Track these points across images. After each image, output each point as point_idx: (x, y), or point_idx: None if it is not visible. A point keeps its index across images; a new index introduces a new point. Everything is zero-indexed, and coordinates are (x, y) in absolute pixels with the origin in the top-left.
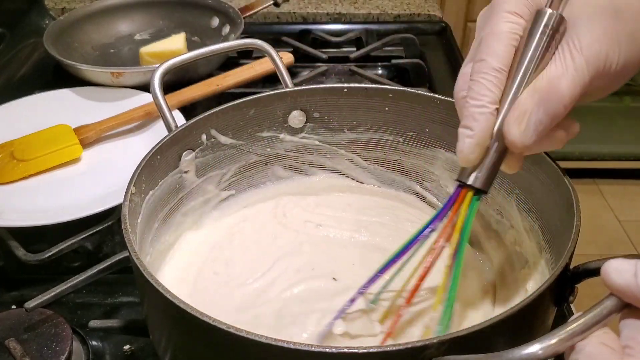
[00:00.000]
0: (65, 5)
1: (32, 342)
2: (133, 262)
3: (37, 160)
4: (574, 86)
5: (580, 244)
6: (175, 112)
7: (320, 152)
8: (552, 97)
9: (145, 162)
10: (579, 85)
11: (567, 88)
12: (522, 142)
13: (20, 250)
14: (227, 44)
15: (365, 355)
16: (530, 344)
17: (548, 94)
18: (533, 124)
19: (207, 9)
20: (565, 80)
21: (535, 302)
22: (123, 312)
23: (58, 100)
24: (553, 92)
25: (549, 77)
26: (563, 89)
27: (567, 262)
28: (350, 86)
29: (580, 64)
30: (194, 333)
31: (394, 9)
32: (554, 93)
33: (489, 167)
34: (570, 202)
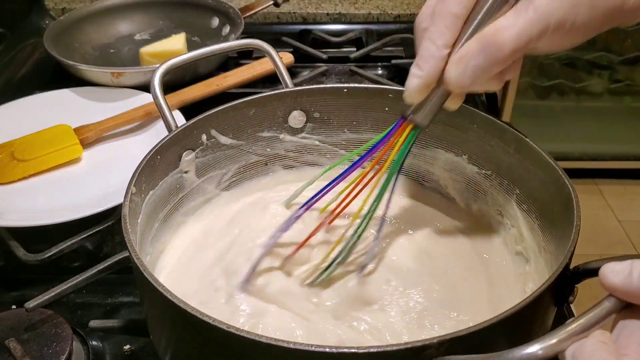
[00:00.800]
0: (66, 5)
1: (33, 342)
2: (133, 262)
3: (37, 160)
4: (518, 37)
5: (580, 244)
6: (175, 112)
7: (320, 152)
8: (494, 45)
9: (145, 162)
10: (524, 38)
11: (510, 38)
12: (457, 83)
13: (20, 250)
14: (227, 44)
15: (365, 355)
16: (530, 344)
17: (491, 41)
18: (471, 68)
19: (207, 9)
20: (510, 31)
21: (535, 302)
22: (123, 312)
23: (58, 100)
24: (496, 40)
25: (496, 26)
26: (506, 38)
27: (567, 262)
28: (350, 86)
29: (529, 18)
30: (194, 333)
31: (394, 9)
32: (496, 41)
33: (432, 105)
34: (570, 202)
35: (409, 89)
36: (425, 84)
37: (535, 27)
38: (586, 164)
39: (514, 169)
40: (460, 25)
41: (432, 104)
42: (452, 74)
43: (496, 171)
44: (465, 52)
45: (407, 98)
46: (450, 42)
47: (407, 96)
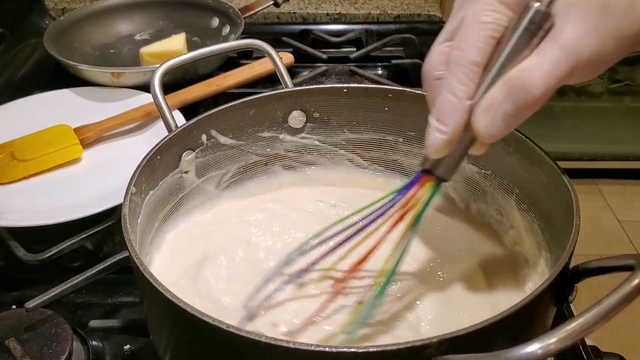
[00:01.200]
0: (66, 5)
1: (33, 342)
2: (133, 262)
3: (37, 160)
4: (547, 78)
5: (580, 244)
6: (175, 112)
7: (320, 152)
8: (521, 89)
9: (145, 162)
10: (554, 78)
11: (539, 80)
12: (488, 133)
13: (20, 250)
14: (227, 44)
15: (365, 355)
16: (530, 344)
17: (518, 85)
18: (500, 116)
19: (207, 9)
20: (538, 72)
21: (535, 302)
22: (123, 312)
23: (58, 100)
24: (523, 84)
25: (521, 68)
26: (535, 80)
27: (566, 261)
28: (350, 86)
29: (557, 57)
30: (194, 333)
31: (394, 9)
32: (524, 84)
33: (456, 158)
34: (570, 202)
35: (434, 146)
36: (450, 140)
37: (564, 66)
38: (586, 164)
39: (513, 168)
40: (480, 73)
41: (455, 156)
42: (480, 124)
43: (496, 171)
44: (491, 100)
45: (432, 155)
46: (473, 93)
47: (432, 153)
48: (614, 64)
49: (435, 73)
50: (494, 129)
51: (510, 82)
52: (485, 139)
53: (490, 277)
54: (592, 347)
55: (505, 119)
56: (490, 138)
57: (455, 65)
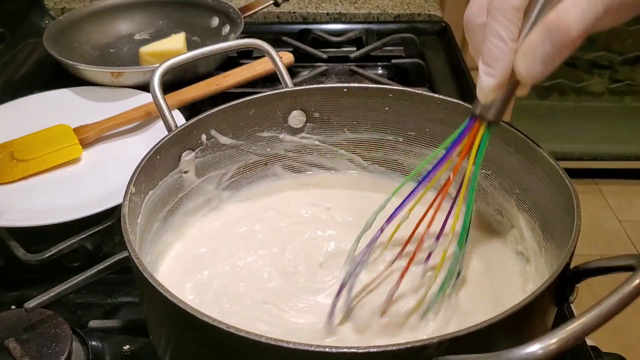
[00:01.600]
0: (65, 5)
1: (32, 342)
2: (133, 262)
3: (37, 160)
4: (583, 18)
5: (580, 244)
6: (175, 112)
7: (320, 152)
8: (559, 29)
9: (145, 162)
10: (589, 18)
11: (574, 20)
12: (529, 75)
13: (20, 250)
14: (227, 44)
15: (365, 355)
16: (530, 344)
17: (555, 26)
18: (540, 57)
19: (207, 9)
20: (572, 13)
21: (535, 302)
22: (123, 312)
23: (58, 100)
24: (561, 25)
25: (558, 10)
26: (570, 21)
27: (567, 262)
28: (350, 86)
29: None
30: (193, 333)
31: (394, 9)
32: (561, 25)
33: (504, 100)
34: (570, 202)
35: (486, 89)
36: (500, 82)
37: (599, 5)
38: (586, 164)
39: (514, 168)
40: (522, 17)
41: (504, 99)
42: (521, 67)
43: (496, 171)
44: (531, 43)
45: (484, 99)
46: (517, 34)
47: (484, 97)
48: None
49: (478, 21)
50: (535, 70)
51: (547, 24)
52: (527, 80)
53: (491, 277)
54: (592, 347)
55: (544, 60)
56: (532, 80)
57: (497, 10)
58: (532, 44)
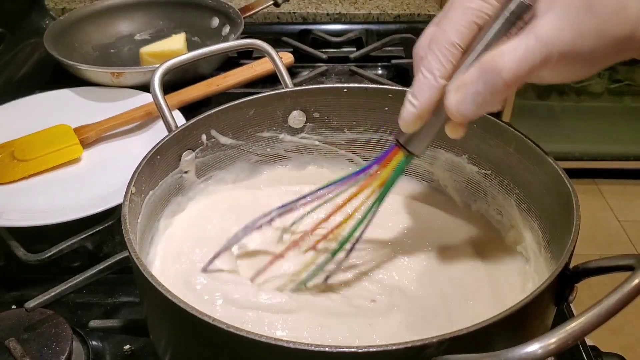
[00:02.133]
0: (66, 5)
1: (32, 342)
2: (133, 262)
3: (37, 160)
4: (517, 64)
5: (580, 244)
6: (175, 112)
7: (320, 152)
8: (492, 70)
9: (145, 162)
10: (525, 65)
11: (508, 64)
12: (458, 111)
13: (20, 250)
14: (227, 44)
15: (365, 355)
16: (530, 343)
17: (490, 66)
18: (471, 95)
19: (207, 9)
20: (508, 57)
21: (535, 302)
22: (123, 312)
23: (58, 100)
24: (495, 66)
25: (495, 52)
26: (506, 64)
27: (566, 261)
28: (350, 86)
29: (530, 45)
30: (193, 333)
31: (394, 9)
32: (496, 67)
33: (427, 134)
34: (570, 202)
35: (404, 118)
36: (419, 114)
37: (537, 55)
38: (586, 164)
39: (513, 168)
40: (458, 55)
41: (427, 133)
42: (451, 101)
43: (496, 171)
44: (464, 79)
45: (403, 128)
46: (448, 72)
47: (403, 126)
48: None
49: (420, 53)
50: (464, 107)
51: (482, 63)
52: (456, 117)
53: (490, 277)
54: (592, 347)
55: (475, 98)
56: (460, 116)
57: (434, 44)
58: (464, 81)
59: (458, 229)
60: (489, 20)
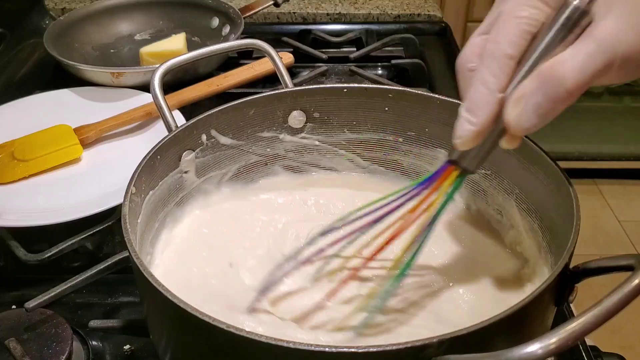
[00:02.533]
0: (66, 5)
1: (32, 342)
2: (133, 262)
3: (37, 160)
4: (580, 71)
5: (580, 244)
6: (175, 112)
7: (320, 152)
8: (553, 80)
9: (145, 162)
10: (587, 71)
11: (570, 72)
12: (519, 125)
13: (20, 250)
14: (227, 44)
15: (365, 355)
16: (530, 343)
17: (550, 76)
18: (532, 107)
19: (207, 9)
20: (569, 64)
21: (535, 302)
22: (123, 312)
23: (58, 100)
24: (554, 75)
25: (554, 60)
26: (566, 72)
27: (566, 261)
28: (350, 86)
29: (591, 50)
30: (194, 333)
31: (394, 9)
32: (556, 75)
33: (484, 150)
34: (570, 202)
35: (463, 137)
36: (479, 131)
37: (599, 60)
38: (586, 164)
39: (513, 168)
40: (514, 67)
41: (483, 148)
42: (511, 116)
43: (496, 171)
44: (523, 91)
45: (460, 146)
46: (505, 85)
47: (460, 144)
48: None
49: (469, 65)
50: (525, 120)
51: (541, 73)
52: (517, 130)
53: (491, 277)
54: (592, 347)
55: (536, 110)
56: (521, 129)
57: (488, 57)
58: (524, 92)
59: (457, 229)
60: (542, 28)
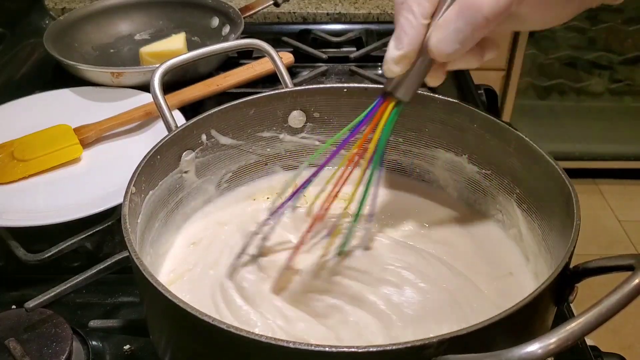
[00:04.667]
0: (65, 5)
1: (32, 342)
2: (133, 262)
3: (37, 160)
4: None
5: (580, 244)
6: (175, 112)
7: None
8: (472, 7)
9: (145, 162)
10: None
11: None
12: (439, 49)
13: (20, 250)
14: (227, 44)
15: (365, 355)
16: (530, 343)
17: (469, 3)
18: (452, 32)
19: (207, 9)
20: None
21: (535, 302)
22: (123, 312)
23: (58, 100)
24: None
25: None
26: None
27: (567, 261)
28: (350, 86)
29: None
30: (194, 333)
31: (394, 9)
32: (474, 3)
33: (414, 79)
34: (569, 202)
35: (389, 61)
36: (405, 55)
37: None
38: (586, 164)
39: (514, 168)
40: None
41: (414, 77)
42: (433, 40)
43: (496, 171)
44: (445, 18)
45: (387, 72)
46: (429, 12)
47: (387, 70)
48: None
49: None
50: (445, 45)
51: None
52: (436, 55)
53: (491, 277)
54: (592, 347)
55: (456, 35)
56: (443, 55)
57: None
58: (445, 20)
59: (457, 229)
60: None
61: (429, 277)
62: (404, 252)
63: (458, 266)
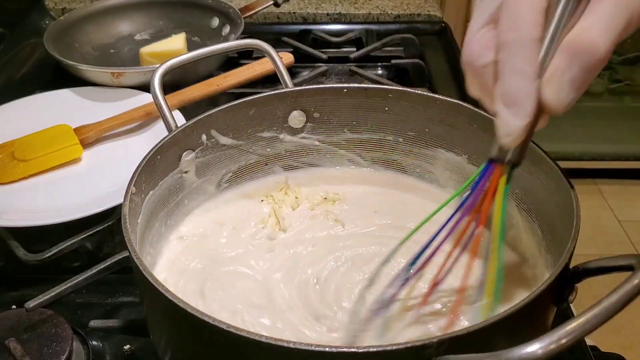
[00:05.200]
0: (66, 5)
1: (32, 342)
2: (133, 262)
3: (37, 160)
4: (607, 33)
5: (580, 244)
6: (175, 112)
7: (320, 152)
8: (584, 50)
9: (145, 162)
10: (613, 33)
11: (599, 37)
12: (560, 103)
13: (20, 250)
14: (227, 44)
15: (365, 355)
16: (530, 344)
17: (580, 47)
18: (567, 82)
19: (207, 9)
20: (597, 29)
21: (535, 302)
22: (123, 312)
23: (58, 100)
24: (584, 44)
25: (577, 31)
26: (596, 39)
27: (566, 261)
28: (350, 86)
29: (610, 11)
30: (194, 333)
31: (394, 9)
32: (585, 45)
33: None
34: (570, 202)
35: (513, 133)
36: (531, 122)
37: (621, 18)
38: (586, 164)
39: None
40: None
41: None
42: (549, 96)
43: None
44: (556, 69)
45: (512, 144)
46: (538, 70)
47: (512, 141)
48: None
49: (481, 60)
50: (564, 97)
51: (570, 47)
52: (555, 110)
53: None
54: (592, 347)
55: (572, 84)
56: (563, 107)
57: (514, 45)
58: (557, 70)
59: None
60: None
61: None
62: None
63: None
